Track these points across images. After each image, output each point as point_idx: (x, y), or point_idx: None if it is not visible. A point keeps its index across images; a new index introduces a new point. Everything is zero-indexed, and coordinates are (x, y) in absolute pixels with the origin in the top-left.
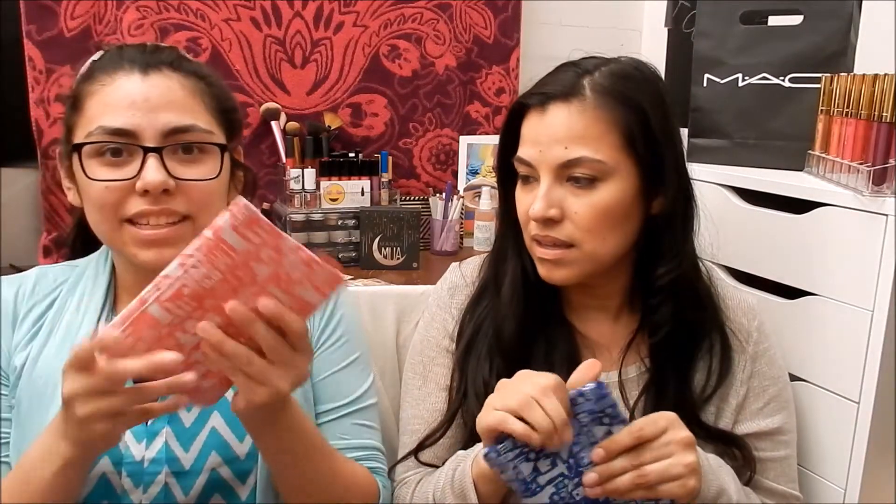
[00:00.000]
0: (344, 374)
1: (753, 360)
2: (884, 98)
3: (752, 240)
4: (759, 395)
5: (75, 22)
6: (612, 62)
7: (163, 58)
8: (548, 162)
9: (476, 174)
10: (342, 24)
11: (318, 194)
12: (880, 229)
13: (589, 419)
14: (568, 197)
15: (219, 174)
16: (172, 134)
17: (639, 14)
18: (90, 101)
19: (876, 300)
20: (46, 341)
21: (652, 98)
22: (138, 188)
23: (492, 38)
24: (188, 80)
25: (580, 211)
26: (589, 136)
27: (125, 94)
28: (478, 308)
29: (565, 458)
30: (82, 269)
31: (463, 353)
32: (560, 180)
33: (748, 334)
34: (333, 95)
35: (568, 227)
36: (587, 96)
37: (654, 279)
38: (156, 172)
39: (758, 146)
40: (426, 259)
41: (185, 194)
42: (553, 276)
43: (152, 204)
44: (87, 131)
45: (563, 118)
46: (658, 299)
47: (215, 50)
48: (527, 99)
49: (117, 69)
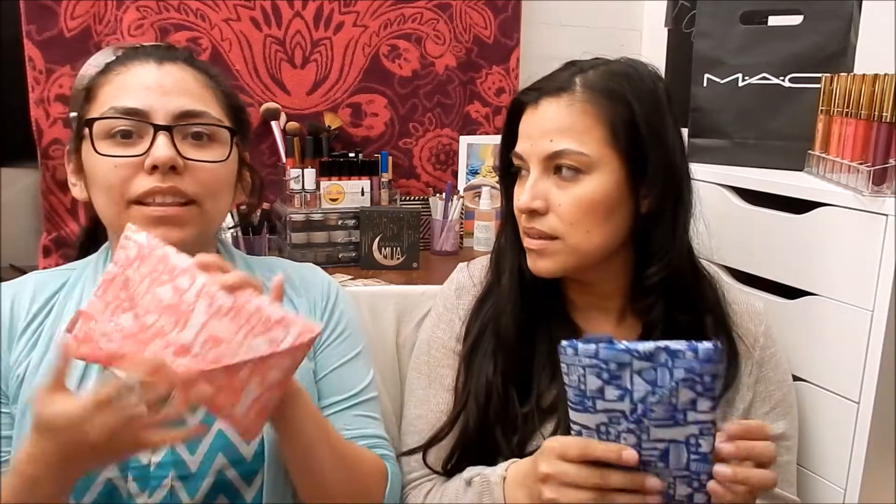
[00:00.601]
0: (347, 367)
1: (760, 366)
2: (884, 98)
3: (752, 240)
4: (765, 401)
5: (75, 22)
6: (611, 63)
7: (177, 54)
8: (536, 154)
9: (476, 174)
10: (342, 24)
11: (318, 194)
12: (880, 229)
13: (683, 376)
14: (553, 189)
15: (227, 157)
16: (184, 117)
17: (639, 14)
18: (103, 89)
19: (876, 300)
20: (46, 348)
21: (643, 96)
22: (147, 164)
23: (492, 38)
24: (201, 76)
25: (563, 203)
26: (574, 129)
27: (140, 80)
28: (483, 308)
29: (634, 401)
30: (80, 272)
31: (469, 352)
32: (547, 173)
33: (755, 339)
34: (333, 95)
35: (552, 219)
36: (577, 91)
37: (645, 278)
38: (165, 149)
39: (758, 146)
40: (426, 259)
41: (192, 175)
42: (538, 267)
43: (160, 181)
44: (99, 112)
45: (552, 112)
46: (650, 300)
47: (215, 50)
48: (523, 96)
49: (132, 60)
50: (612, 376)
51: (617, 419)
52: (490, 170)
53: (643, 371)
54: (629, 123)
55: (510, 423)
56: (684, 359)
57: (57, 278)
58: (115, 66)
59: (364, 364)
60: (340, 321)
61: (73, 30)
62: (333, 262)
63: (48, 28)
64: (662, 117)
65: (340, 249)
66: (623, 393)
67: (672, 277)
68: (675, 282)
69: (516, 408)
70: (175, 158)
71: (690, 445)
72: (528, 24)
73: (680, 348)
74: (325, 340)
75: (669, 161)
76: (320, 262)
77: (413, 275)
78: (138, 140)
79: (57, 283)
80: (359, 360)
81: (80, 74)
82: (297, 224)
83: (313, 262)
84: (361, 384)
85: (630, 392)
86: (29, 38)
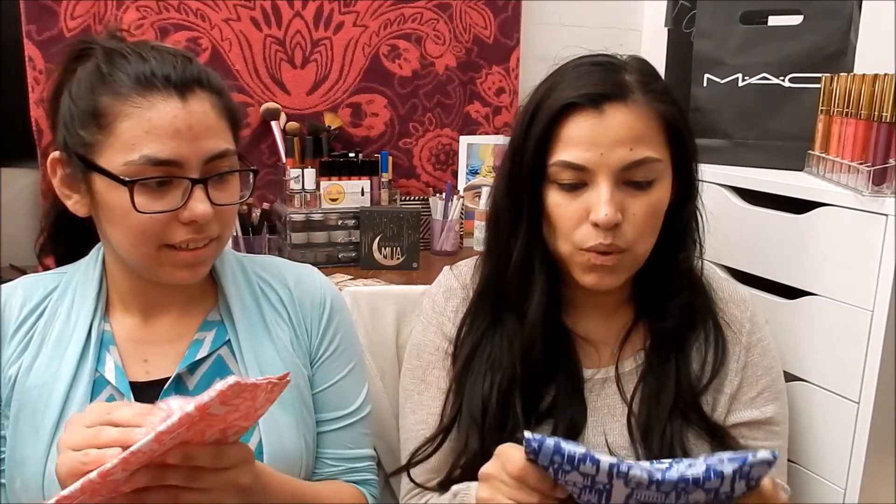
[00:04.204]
0: (344, 383)
1: (747, 351)
2: (884, 98)
3: (752, 240)
4: (753, 385)
5: (75, 22)
6: (634, 61)
7: (193, 74)
8: (609, 164)
9: (476, 174)
10: (342, 24)
11: (318, 194)
12: (880, 229)
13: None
14: (626, 200)
15: (250, 195)
16: (211, 161)
17: (639, 14)
18: (125, 122)
19: (876, 300)
20: (39, 351)
21: (672, 92)
22: (184, 218)
23: (492, 38)
24: (215, 99)
25: (638, 213)
26: (648, 135)
27: (169, 122)
28: (477, 322)
29: None
30: (71, 276)
31: (461, 371)
32: (618, 183)
33: (741, 325)
34: (333, 95)
35: (627, 232)
36: (636, 94)
37: (672, 265)
38: (204, 205)
39: (758, 146)
40: (426, 259)
41: (218, 217)
42: (602, 284)
43: (197, 232)
44: (126, 158)
45: (622, 119)
46: (676, 285)
47: (215, 50)
48: (578, 99)
49: (151, 88)
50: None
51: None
52: (490, 170)
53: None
54: (679, 122)
55: (508, 436)
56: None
57: (48, 282)
58: (128, 91)
59: (359, 379)
60: (337, 334)
61: (73, 30)
62: (333, 262)
63: (48, 28)
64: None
65: (340, 249)
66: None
67: (673, 275)
68: (692, 267)
69: (518, 419)
70: (211, 212)
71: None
72: (528, 24)
73: None
74: (321, 356)
75: (694, 159)
76: (320, 261)
77: (413, 275)
78: (171, 189)
79: (49, 286)
80: (354, 376)
81: (77, 78)
82: (297, 224)
83: (313, 262)
84: (356, 402)
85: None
86: (29, 38)
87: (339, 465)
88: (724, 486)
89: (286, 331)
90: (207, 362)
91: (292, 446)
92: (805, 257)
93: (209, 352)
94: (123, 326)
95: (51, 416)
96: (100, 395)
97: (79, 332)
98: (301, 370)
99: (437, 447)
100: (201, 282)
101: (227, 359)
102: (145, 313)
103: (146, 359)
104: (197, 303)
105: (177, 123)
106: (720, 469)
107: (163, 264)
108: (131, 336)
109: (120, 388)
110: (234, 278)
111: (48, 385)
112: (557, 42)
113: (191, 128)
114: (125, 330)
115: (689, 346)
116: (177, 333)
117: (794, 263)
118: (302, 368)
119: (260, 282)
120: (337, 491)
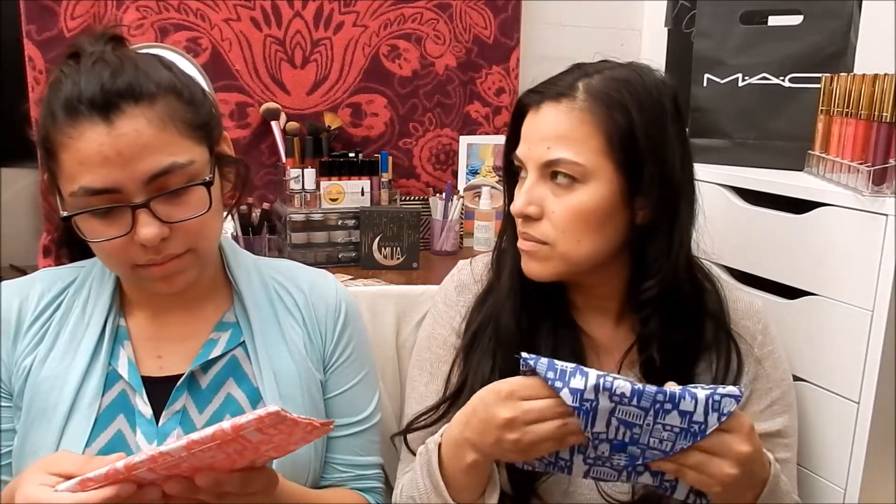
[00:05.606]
0: (357, 390)
1: (758, 363)
2: (884, 98)
3: (752, 240)
4: (763, 397)
5: (75, 22)
6: (617, 68)
7: (120, 89)
8: (533, 160)
9: (476, 174)
10: (342, 24)
11: (318, 194)
12: (880, 229)
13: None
14: (549, 196)
15: (210, 206)
16: (153, 180)
17: (639, 14)
18: (63, 154)
19: (876, 300)
20: (53, 344)
21: (645, 106)
22: (136, 242)
23: (492, 38)
24: (151, 110)
25: (557, 210)
26: (572, 137)
27: (96, 151)
28: (484, 305)
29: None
30: (88, 270)
31: (467, 346)
32: (544, 178)
33: (753, 337)
34: (333, 95)
35: (545, 226)
36: (578, 98)
37: (640, 292)
38: (149, 228)
39: (758, 146)
40: (426, 259)
41: (181, 231)
42: (529, 270)
43: (154, 254)
44: (69, 190)
45: (552, 118)
46: (645, 312)
47: (215, 50)
48: (526, 97)
49: (77, 115)
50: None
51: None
52: (490, 170)
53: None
54: (628, 134)
55: None
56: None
57: (66, 275)
58: (61, 120)
59: (371, 386)
60: (351, 341)
61: (73, 30)
62: (333, 262)
63: (48, 28)
64: (663, 129)
65: (340, 249)
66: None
67: (669, 292)
68: (672, 296)
69: None
70: (160, 233)
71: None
72: (528, 24)
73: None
74: (335, 362)
75: (668, 174)
76: (320, 262)
77: (413, 275)
78: (119, 214)
79: (66, 280)
80: (366, 383)
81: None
82: (297, 224)
83: (313, 262)
84: (368, 409)
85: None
86: (29, 38)
87: (348, 471)
88: (698, 412)
89: (300, 334)
90: (221, 362)
91: (302, 451)
92: (805, 257)
93: (223, 351)
94: (138, 322)
95: (62, 408)
96: (111, 388)
97: (93, 327)
98: (313, 374)
99: (441, 416)
100: (215, 282)
101: (242, 360)
102: (156, 311)
103: (160, 355)
104: (211, 302)
105: (104, 151)
106: (694, 392)
107: (141, 279)
108: (146, 332)
109: (132, 382)
110: (250, 280)
111: (60, 377)
112: (557, 42)
113: (120, 153)
114: (140, 326)
115: (695, 362)
116: (192, 331)
117: (794, 263)
118: (314, 372)
119: (275, 284)
120: (342, 499)
